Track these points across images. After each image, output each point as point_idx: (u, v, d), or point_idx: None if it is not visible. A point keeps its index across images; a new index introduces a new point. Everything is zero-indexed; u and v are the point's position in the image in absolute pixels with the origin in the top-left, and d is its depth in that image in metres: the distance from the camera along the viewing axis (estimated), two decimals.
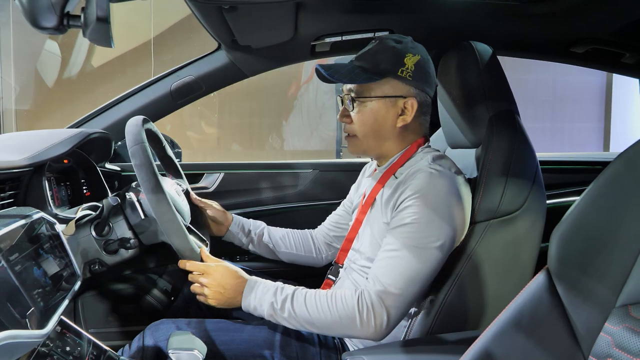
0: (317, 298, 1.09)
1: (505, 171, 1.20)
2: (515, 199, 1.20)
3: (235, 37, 1.44)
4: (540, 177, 1.28)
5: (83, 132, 1.34)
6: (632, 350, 0.66)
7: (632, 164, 0.75)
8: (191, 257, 1.21)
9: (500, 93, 1.34)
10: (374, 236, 1.19)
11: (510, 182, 1.20)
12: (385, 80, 1.16)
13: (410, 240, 1.06)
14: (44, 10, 0.87)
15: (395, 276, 1.05)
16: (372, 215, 1.23)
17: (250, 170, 1.91)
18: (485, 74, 1.32)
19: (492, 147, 1.25)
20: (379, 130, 1.20)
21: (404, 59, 1.16)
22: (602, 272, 0.74)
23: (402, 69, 1.16)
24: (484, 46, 1.38)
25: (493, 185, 1.20)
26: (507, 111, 1.31)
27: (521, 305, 0.80)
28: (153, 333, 1.22)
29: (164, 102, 1.68)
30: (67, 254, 1.06)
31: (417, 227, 1.07)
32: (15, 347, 0.70)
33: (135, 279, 1.73)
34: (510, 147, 1.23)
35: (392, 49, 1.16)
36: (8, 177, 1.12)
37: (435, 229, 1.08)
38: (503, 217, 1.20)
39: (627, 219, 0.73)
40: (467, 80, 1.32)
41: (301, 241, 1.55)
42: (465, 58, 1.34)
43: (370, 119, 1.19)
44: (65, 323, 1.03)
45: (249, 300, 1.13)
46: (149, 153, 1.15)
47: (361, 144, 1.23)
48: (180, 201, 1.33)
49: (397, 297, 1.05)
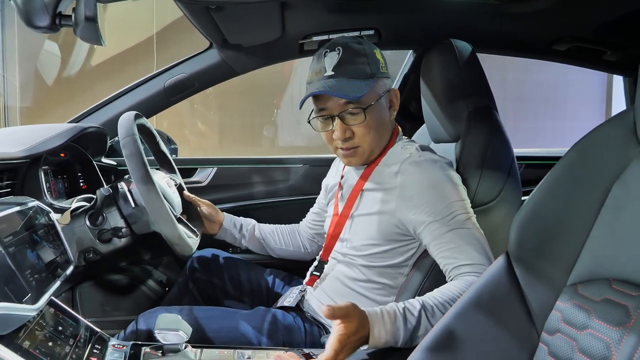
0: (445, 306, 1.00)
1: (481, 164, 1.25)
2: (490, 190, 1.25)
3: (225, 36, 1.49)
4: (516, 170, 1.32)
5: (78, 127, 1.40)
6: (577, 324, 0.71)
7: (585, 154, 0.80)
8: (180, 244, 1.26)
9: (478, 89, 1.39)
10: (367, 228, 1.21)
11: (485, 174, 1.25)
12: (375, 81, 1.18)
13: (451, 224, 1.08)
14: (38, 11, 0.93)
15: (470, 251, 1.07)
16: (363, 206, 1.24)
17: (242, 165, 1.96)
18: (465, 71, 1.37)
19: (469, 141, 1.30)
20: (382, 130, 1.22)
21: (376, 56, 1.20)
22: (555, 254, 0.80)
23: (381, 66, 1.20)
24: (463, 44, 1.43)
25: (469, 177, 1.25)
26: (485, 107, 1.36)
27: (482, 286, 0.86)
28: (146, 320, 1.27)
29: (158, 99, 1.73)
30: (61, 242, 1.12)
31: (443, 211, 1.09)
32: (9, 319, 0.76)
33: (131, 270, 1.79)
34: (486, 140, 1.28)
35: (362, 51, 1.17)
36: (5, 167, 1.18)
37: (456, 206, 1.11)
38: (479, 207, 1.24)
39: (579, 204, 0.78)
40: (447, 77, 1.37)
41: (289, 237, 1.60)
42: (445, 56, 1.38)
43: (375, 123, 1.19)
44: (61, 307, 1.08)
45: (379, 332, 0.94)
46: (139, 144, 1.21)
47: (365, 152, 1.21)
48: (171, 193, 1.39)
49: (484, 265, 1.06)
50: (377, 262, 1.20)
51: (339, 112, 1.17)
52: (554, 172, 0.84)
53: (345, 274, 1.25)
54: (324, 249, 1.35)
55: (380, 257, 1.20)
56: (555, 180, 0.83)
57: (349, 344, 0.90)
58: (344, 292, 1.24)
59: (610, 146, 0.77)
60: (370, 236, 1.20)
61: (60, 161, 1.49)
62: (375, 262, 1.20)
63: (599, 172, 0.77)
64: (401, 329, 0.95)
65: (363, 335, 0.92)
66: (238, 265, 1.60)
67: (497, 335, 0.82)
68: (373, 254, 1.20)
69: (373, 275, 1.21)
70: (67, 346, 0.94)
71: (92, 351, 0.99)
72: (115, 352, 1.03)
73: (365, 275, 1.22)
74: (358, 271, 1.23)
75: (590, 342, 0.68)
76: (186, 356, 1.03)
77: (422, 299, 0.99)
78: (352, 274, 1.24)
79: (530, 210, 0.84)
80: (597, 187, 0.77)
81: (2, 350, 0.78)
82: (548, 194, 0.83)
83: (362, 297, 1.22)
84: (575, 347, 0.70)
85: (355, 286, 1.23)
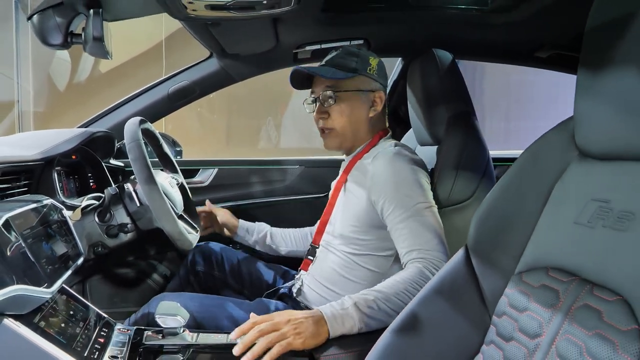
0: (398, 296, 1.09)
1: (456, 165, 1.35)
2: (464, 190, 1.34)
3: (223, 47, 1.61)
4: (491, 171, 1.42)
5: (87, 131, 1.52)
6: (518, 307, 0.82)
7: (534, 157, 0.91)
8: (181, 239, 1.38)
9: (457, 96, 1.49)
10: (346, 216, 1.34)
11: (461, 175, 1.35)
12: (357, 77, 1.34)
13: (410, 212, 1.19)
14: (52, 30, 1.06)
15: (424, 237, 1.16)
16: (343, 199, 1.38)
17: (242, 167, 2.08)
18: (445, 79, 1.47)
19: (447, 144, 1.41)
20: (355, 120, 1.37)
21: (369, 60, 1.35)
22: (506, 246, 0.90)
23: (369, 68, 1.35)
24: (445, 53, 1.53)
25: (445, 177, 1.35)
26: (464, 112, 1.46)
27: (443, 275, 0.96)
28: (149, 308, 1.39)
29: (162, 105, 1.84)
30: (73, 236, 1.24)
31: (403, 199, 1.20)
32: (26, 300, 0.88)
33: (137, 264, 1.91)
34: (462, 143, 1.38)
35: (358, 52, 1.36)
36: (22, 169, 1.30)
37: (417, 195, 1.22)
38: (454, 205, 1.34)
39: (527, 201, 0.88)
40: (428, 85, 1.48)
41: (301, 240, 1.71)
42: (427, 65, 1.49)
43: (348, 109, 1.35)
44: (72, 295, 1.20)
45: (331, 311, 1.05)
46: (144, 149, 1.32)
47: (337, 136, 1.38)
48: (173, 192, 1.50)
49: (438, 251, 1.15)
50: (361, 250, 1.31)
51: (319, 94, 1.37)
52: (508, 173, 0.94)
53: (333, 260, 1.36)
54: (315, 234, 1.47)
55: (362, 245, 1.30)
56: (509, 180, 0.93)
57: (300, 324, 1.01)
58: (334, 278, 1.34)
59: (554, 150, 0.88)
60: (350, 221, 1.31)
61: (72, 163, 1.61)
62: (359, 250, 1.31)
63: (545, 172, 0.87)
64: (350, 308, 1.05)
65: (314, 316, 1.03)
66: (239, 259, 1.70)
67: (455, 319, 0.93)
68: (355, 240, 1.31)
69: (359, 261, 1.31)
70: (78, 328, 1.05)
71: (99, 333, 1.10)
72: (120, 335, 1.14)
73: (352, 261, 1.32)
74: (346, 257, 1.33)
75: (527, 322, 0.78)
76: (183, 339, 1.13)
77: (370, 291, 1.10)
78: (339, 260, 1.34)
79: (486, 207, 0.95)
80: (543, 185, 0.87)
81: (22, 328, 0.89)
82: (502, 192, 0.94)
83: (350, 282, 1.31)
84: (516, 326, 0.81)
85: (343, 272, 1.33)
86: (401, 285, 1.09)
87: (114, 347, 1.08)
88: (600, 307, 0.67)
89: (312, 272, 1.42)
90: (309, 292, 1.40)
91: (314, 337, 1.00)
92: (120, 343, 1.10)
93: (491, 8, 1.55)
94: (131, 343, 1.11)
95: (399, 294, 1.08)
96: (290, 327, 1.00)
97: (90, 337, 1.06)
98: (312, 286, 1.38)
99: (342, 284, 1.32)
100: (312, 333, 1.00)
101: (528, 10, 1.46)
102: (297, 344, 0.99)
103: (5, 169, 1.19)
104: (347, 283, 1.32)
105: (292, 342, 0.98)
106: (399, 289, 1.08)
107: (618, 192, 0.72)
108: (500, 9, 1.54)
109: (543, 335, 0.75)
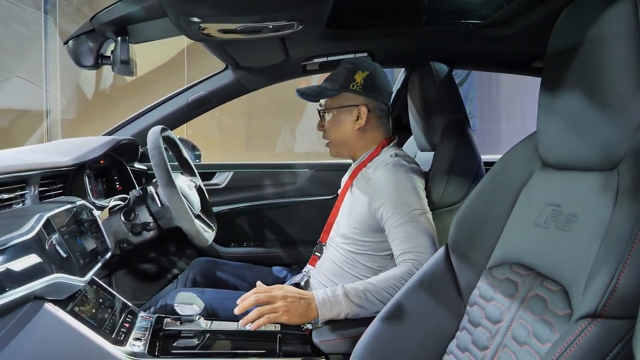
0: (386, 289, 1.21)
1: (448, 170, 1.45)
2: (456, 193, 1.44)
3: (237, 61, 1.75)
4: (482, 176, 1.52)
5: (114, 139, 1.68)
6: (486, 297, 0.94)
7: (505, 165, 1.03)
8: (197, 237, 1.52)
9: (452, 106, 1.59)
10: (349, 219, 1.45)
11: (452, 179, 1.45)
12: (341, 94, 1.46)
13: (406, 218, 1.30)
14: (85, 54, 1.21)
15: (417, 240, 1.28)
16: (348, 202, 1.50)
17: (255, 170, 2.22)
18: (440, 90, 1.58)
19: (441, 150, 1.51)
20: (342, 134, 1.49)
21: (354, 76, 1.45)
22: (479, 244, 1.02)
23: (353, 84, 1.45)
24: (441, 66, 1.64)
25: (438, 181, 1.45)
26: (457, 121, 1.57)
27: (426, 270, 1.09)
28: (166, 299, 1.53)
29: (181, 113, 1.99)
30: (101, 233, 1.39)
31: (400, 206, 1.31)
32: (63, 287, 1.03)
33: (158, 260, 2.07)
34: (454, 150, 1.48)
35: (346, 69, 1.47)
36: (57, 173, 1.46)
37: (413, 202, 1.33)
38: (446, 207, 1.44)
39: (498, 205, 1.00)
40: (425, 96, 1.59)
41: None
42: (424, 77, 1.60)
43: (334, 125, 1.49)
44: (101, 285, 1.35)
45: (323, 297, 1.19)
46: (164, 155, 1.47)
47: (334, 147, 1.54)
48: (191, 194, 1.65)
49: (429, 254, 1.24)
50: (361, 250, 1.42)
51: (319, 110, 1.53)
52: (483, 180, 1.06)
53: (337, 257, 1.48)
54: (323, 233, 1.59)
55: (363, 245, 1.42)
56: (483, 186, 1.05)
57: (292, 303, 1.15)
58: (338, 273, 1.46)
59: (522, 160, 0.99)
60: (353, 224, 1.43)
61: (101, 167, 1.78)
62: (359, 249, 1.42)
63: (513, 180, 0.99)
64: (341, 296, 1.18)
65: (308, 298, 1.17)
66: (243, 269, 1.83)
67: (434, 308, 1.05)
68: (356, 241, 1.42)
69: (359, 259, 1.43)
70: (106, 314, 1.20)
71: (125, 319, 1.24)
72: (143, 321, 1.28)
73: (353, 258, 1.43)
74: (348, 255, 1.44)
75: (492, 310, 0.90)
76: (199, 325, 1.27)
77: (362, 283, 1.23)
78: (342, 257, 1.46)
79: (464, 211, 1.07)
80: (511, 191, 0.99)
81: (60, 311, 1.04)
82: (477, 197, 1.05)
83: (352, 276, 1.43)
84: (483, 314, 0.93)
85: (347, 268, 1.45)
86: (390, 281, 1.21)
87: (138, 331, 1.22)
88: (547, 296, 0.79)
89: (318, 267, 1.54)
90: (315, 284, 1.53)
91: (301, 316, 1.15)
92: (143, 328, 1.24)
93: (488, 22, 1.66)
94: (153, 328, 1.25)
95: (387, 288, 1.20)
96: (283, 304, 1.14)
97: (117, 322, 1.21)
98: (319, 279, 1.51)
99: (344, 278, 1.44)
100: (300, 313, 1.15)
101: (523, 23, 1.53)
102: (283, 319, 1.14)
103: (44, 174, 1.35)
104: (348, 277, 1.44)
105: (279, 317, 1.13)
106: (387, 284, 1.21)
107: (567, 197, 0.84)
108: (496, 23, 1.64)
109: (503, 320, 0.87)
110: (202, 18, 1.11)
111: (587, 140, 0.79)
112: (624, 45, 0.73)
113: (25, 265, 0.95)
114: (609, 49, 0.75)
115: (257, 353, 1.18)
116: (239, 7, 1.07)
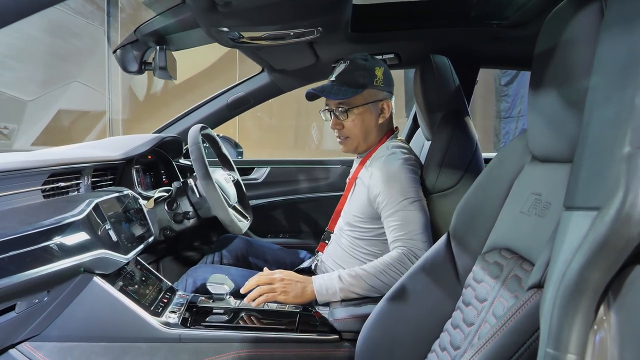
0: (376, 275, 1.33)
1: (443, 156, 1.49)
2: (449, 179, 1.47)
3: (271, 64, 1.89)
4: (478, 165, 1.52)
5: (159, 136, 1.86)
6: (477, 279, 1.02)
7: (501, 159, 1.11)
8: (231, 226, 1.67)
9: (451, 97, 1.61)
10: (352, 209, 1.55)
11: (446, 165, 1.48)
12: (366, 90, 1.51)
13: (400, 206, 1.39)
14: (130, 60, 1.38)
15: (410, 227, 1.37)
16: (355, 191, 1.59)
17: (291, 166, 2.36)
18: (439, 81, 1.60)
19: (437, 137, 1.55)
20: (366, 128, 1.55)
21: (374, 72, 1.52)
22: (476, 232, 1.10)
23: (376, 80, 1.51)
24: (442, 58, 1.66)
25: (432, 167, 1.50)
26: (455, 110, 1.59)
27: (428, 255, 1.18)
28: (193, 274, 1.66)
29: (221, 113, 2.15)
30: (146, 221, 1.57)
31: (394, 195, 1.40)
32: (108, 261, 1.20)
33: (200, 248, 2.25)
34: (449, 138, 1.51)
35: (364, 66, 1.51)
36: (108, 166, 1.64)
37: (407, 191, 1.41)
38: (439, 192, 1.48)
39: (494, 195, 1.08)
40: (426, 87, 1.63)
41: None
42: (425, 70, 1.64)
43: (359, 121, 1.53)
44: (145, 266, 1.52)
45: (319, 282, 1.34)
46: (202, 151, 1.62)
47: (353, 143, 1.58)
48: (227, 186, 1.80)
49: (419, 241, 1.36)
50: (363, 236, 1.52)
51: (333, 109, 1.55)
52: (483, 173, 1.15)
53: (343, 243, 1.59)
54: (330, 221, 1.71)
55: (365, 232, 1.52)
56: (483, 178, 1.13)
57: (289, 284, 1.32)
58: (344, 257, 1.57)
59: (515, 154, 1.07)
60: (355, 212, 1.53)
61: (149, 162, 1.97)
62: (362, 235, 1.52)
63: (507, 172, 1.07)
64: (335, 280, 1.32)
65: (304, 281, 1.33)
66: (261, 245, 1.97)
67: (434, 290, 1.14)
68: (359, 228, 1.53)
69: (362, 244, 1.53)
70: (147, 290, 1.37)
71: (164, 296, 1.41)
72: (180, 298, 1.43)
73: (357, 244, 1.54)
74: (352, 240, 1.55)
75: (481, 290, 0.99)
76: (229, 303, 1.41)
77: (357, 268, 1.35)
78: (347, 243, 1.57)
79: (464, 201, 1.15)
80: (505, 183, 1.06)
81: (106, 285, 1.21)
82: (476, 189, 1.14)
83: (356, 260, 1.54)
84: (474, 294, 1.01)
85: (352, 252, 1.55)
86: (381, 267, 1.33)
87: (174, 306, 1.37)
88: (522, 276, 0.87)
89: (327, 253, 1.66)
90: (324, 268, 1.65)
91: (296, 297, 1.33)
92: (179, 304, 1.40)
93: (509, 23, 1.72)
94: (188, 305, 1.40)
95: (377, 274, 1.32)
96: (281, 285, 1.33)
97: (157, 298, 1.37)
98: (327, 263, 1.63)
99: (349, 262, 1.55)
100: (296, 294, 1.33)
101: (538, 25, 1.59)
102: (280, 299, 1.32)
103: (96, 167, 1.53)
104: (353, 261, 1.55)
105: (277, 297, 1.32)
106: (379, 269, 1.33)
107: (546, 186, 0.92)
108: (517, 24, 1.70)
109: (488, 299, 0.96)
110: (230, 28, 1.25)
111: (561, 134, 0.86)
112: (589, 47, 0.80)
113: (76, 241, 1.12)
114: (579, 51, 0.82)
115: (277, 328, 1.30)
116: (259, 17, 1.19)
